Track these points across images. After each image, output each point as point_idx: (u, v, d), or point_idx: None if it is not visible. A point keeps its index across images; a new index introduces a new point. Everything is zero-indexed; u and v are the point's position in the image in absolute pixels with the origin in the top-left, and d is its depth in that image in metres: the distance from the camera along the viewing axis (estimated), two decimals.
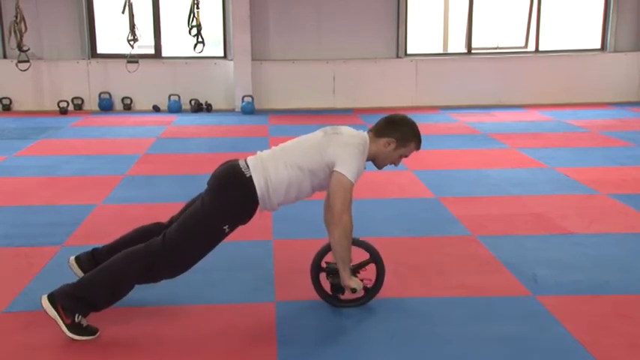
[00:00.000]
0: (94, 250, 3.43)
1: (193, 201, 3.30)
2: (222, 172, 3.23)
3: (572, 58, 10.72)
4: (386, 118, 3.40)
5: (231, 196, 3.14)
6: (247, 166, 3.18)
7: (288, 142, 3.35)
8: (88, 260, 3.38)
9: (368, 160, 3.32)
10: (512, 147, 7.36)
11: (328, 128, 3.35)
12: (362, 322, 3.23)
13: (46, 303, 2.98)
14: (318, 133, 3.33)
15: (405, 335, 3.08)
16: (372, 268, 3.38)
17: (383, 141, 3.30)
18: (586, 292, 3.55)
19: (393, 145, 3.30)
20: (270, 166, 3.17)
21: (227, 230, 3.13)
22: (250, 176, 3.13)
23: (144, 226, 3.44)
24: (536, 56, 10.79)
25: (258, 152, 3.31)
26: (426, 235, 4.52)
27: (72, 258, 3.43)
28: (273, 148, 3.34)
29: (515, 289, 3.59)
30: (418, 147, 3.38)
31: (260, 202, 3.16)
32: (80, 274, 3.35)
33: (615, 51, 10.71)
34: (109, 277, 3.04)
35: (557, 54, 10.78)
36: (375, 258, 3.37)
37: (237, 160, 3.25)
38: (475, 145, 7.53)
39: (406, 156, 3.40)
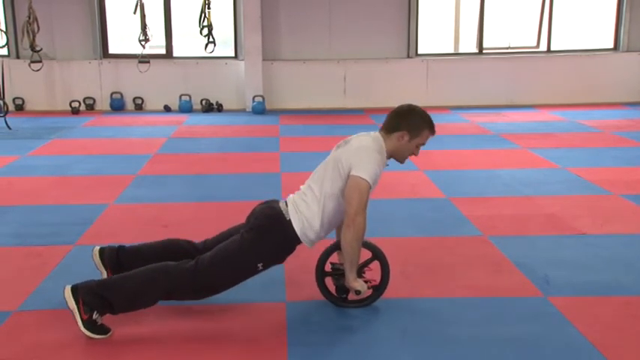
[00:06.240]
0: (120, 248, 3.42)
1: (230, 233, 3.32)
2: (262, 212, 3.26)
3: (584, 57, 10.65)
4: (393, 111, 3.36)
5: (270, 237, 3.18)
6: (287, 208, 3.23)
7: (311, 177, 3.36)
8: (111, 257, 3.38)
9: (388, 158, 3.31)
10: (523, 147, 7.33)
11: (340, 142, 3.37)
12: (372, 322, 3.23)
13: (68, 293, 2.99)
14: (332, 152, 3.35)
15: (415, 335, 3.07)
16: (377, 269, 3.38)
17: (395, 135, 3.28)
18: (598, 293, 3.53)
19: (406, 137, 3.28)
20: (305, 210, 3.20)
21: (260, 268, 3.19)
22: (290, 220, 3.18)
23: (175, 240, 3.47)
24: (548, 56, 10.73)
25: (290, 195, 3.33)
26: (436, 235, 4.51)
27: (96, 249, 3.42)
28: (301, 187, 3.36)
29: (526, 290, 3.57)
30: (433, 132, 3.32)
31: (304, 241, 3.22)
32: (100, 266, 3.37)
33: (628, 50, 10.63)
34: (135, 285, 3.06)
35: (569, 54, 10.71)
36: (378, 256, 3.36)
37: (277, 202, 3.30)
38: (486, 146, 7.50)
39: (423, 144, 3.34)
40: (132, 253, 3.37)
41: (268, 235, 3.18)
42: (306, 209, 3.20)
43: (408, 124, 3.27)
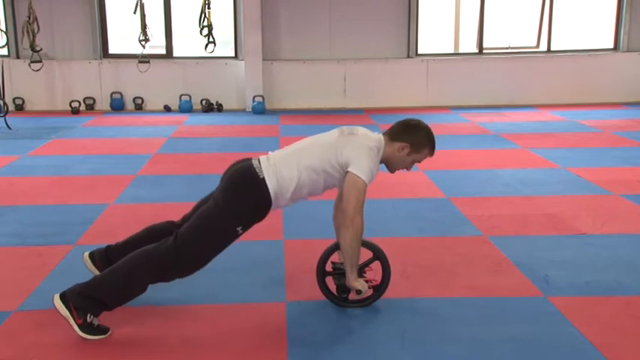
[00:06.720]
0: (108, 248, 3.44)
1: (205, 200, 3.30)
2: (235, 172, 3.22)
3: (584, 57, 10.65)
4: (402, 122, 3.39)
5: (244, 198, 3.13)
6: (260, 166, 3.18)
7: (302, 142, 3.34)
8: (101, 257, 3.40)
9: (381, 162, 3.32)
10: (523, 147, 7.33)
11: (345, 128, 3.34)
12: (372, 322, 3.23)
13: (58, 302, 2.99)
14: (334, 133, 3.32)
15: (415, 335, 3.07)
16: (378, 269, 3.38)
17: (397, 145, 3.29)
18: (598, 293, 3.53)
19: (406, 150, 3.30)
20: (284, 167, 3.16)
21: (240, 231, 3.13)
22: (263, 177, 3.13)
23: (156, 224, 3.45)
24: (548, 56, 10.73)
25: (270, 152, 3.30)
26: (436, 235, 4.50)
27: (86, 254, 3.46)
28: (286, 148, 3.33)
29: (526, 290, 3.57)
30: (432, 153, 3.38)
31: (273, 202, 3.16)
32: (93, 270, 3.38)
33: (628, 50, 10.64)
34: (121, 276, 3.05)
35: (569, 54, 10.72)
36: (379, 256, 3.37)
37: (250, 160, 3.24)
38: (486, 146, 7.50)
39: (419, 161, 3.39)
40: (120, 249, 3.37)
41: (242, 195, 3.13)
42: (286, 169, 3.15)
43: (413, 139, 3.29)
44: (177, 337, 3.08)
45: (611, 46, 10.78)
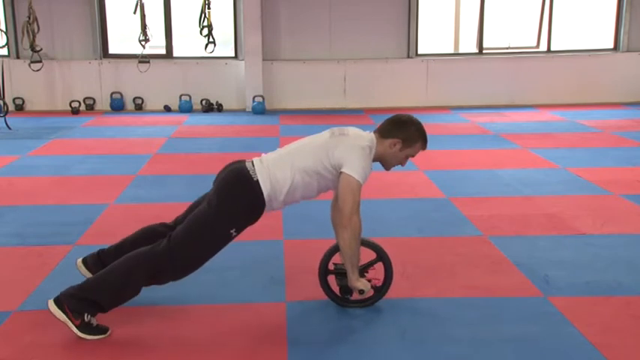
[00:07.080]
0: (100, 251, 3.43)
1: (198, 202, 3.29)
2: (229, 174, 3.21)
3: (584, 58, 10.65)
4: (391, 118, 3.38)
5: (238, 200, 3.12)
6: (254, 168, 3.17)
7: (294, 144, 3.33)
8: (94, 261, 3.39)
9: (374, 161, 3.31)
10: (523, 147, 7.33)
11: (335, 129, 3.33)
12: (372, 323, 3.23)
13: (53, 307, 2.99)
14: (325, 134, 3.32)
15: (415, 335, 3.07)
16: (380, 268, 3.38)
17: (389, 142, 3.29)
18: (598, 293, 3.53)
19: (399, 146, 3.29)
20: (277, 169, 3.15)
21: (234, 234, 3.13)
22: (257, 179, 3.12)
23: (149, 226, 3.44)
24: (548, 56, 10.73)
25: (263, 155, 3.30)
26: (436, 235, 4.50)
27: (79, 260, 3.45)
28: (279, 150, 3.33)
29: (526, 290, 3.57)
30: (424, 147, 3.37)
31: (266, 204, 3.15)
32: (88, 275, 3.37)
33: (628, 50, 10.64)
34: (114, 279, 3.05)
35: (569, 54, 10.71)
36: (382, 257, 3.36)
37: (243, 162, 3.24)
38: (486, 146, 7.50)
39: (413, 156, 3.38)
40: (113, 252, 3.36)
41: (235, 196, 3.12)
42: (280, 171, 3.14)
43: (404, 134, 3.29)
44: (177, 337, 3.08)
45: (611, 46, 10.78)
